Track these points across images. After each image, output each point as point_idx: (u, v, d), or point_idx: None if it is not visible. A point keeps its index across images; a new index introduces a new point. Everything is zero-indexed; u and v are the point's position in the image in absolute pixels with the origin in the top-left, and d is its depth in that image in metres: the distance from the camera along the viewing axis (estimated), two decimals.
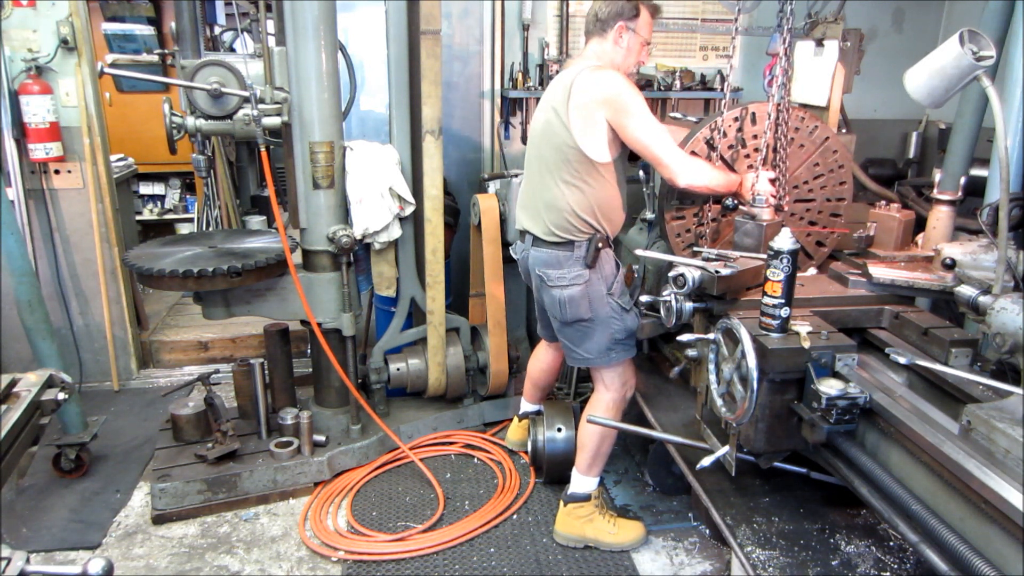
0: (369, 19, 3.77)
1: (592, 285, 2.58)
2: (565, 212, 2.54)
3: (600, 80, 2.43)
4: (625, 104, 2.40)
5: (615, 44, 2.54)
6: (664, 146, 2.42)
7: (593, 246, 2.54)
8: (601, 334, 2.62)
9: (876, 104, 4.41)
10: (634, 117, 2.41)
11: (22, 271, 3.03)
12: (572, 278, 2.57)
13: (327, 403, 3.37)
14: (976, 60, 1.81)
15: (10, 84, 3.52)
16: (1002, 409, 1.58)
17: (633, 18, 2.52)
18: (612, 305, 2.60)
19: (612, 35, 2.53)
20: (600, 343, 2.63)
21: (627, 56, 2.57)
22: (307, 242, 3.09)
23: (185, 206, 6.48)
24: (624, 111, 2.41)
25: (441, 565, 2.68)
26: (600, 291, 2.59)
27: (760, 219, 2.48)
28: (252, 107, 2.74)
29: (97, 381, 4.06)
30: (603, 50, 2.56)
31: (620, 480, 3.23)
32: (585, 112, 2.43)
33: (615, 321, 2.61)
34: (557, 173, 2.54)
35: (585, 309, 2.58)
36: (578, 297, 2.57)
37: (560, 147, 2.50)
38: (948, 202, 2.60)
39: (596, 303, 2.59)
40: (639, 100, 2.42)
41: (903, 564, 2.19)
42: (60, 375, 2.02)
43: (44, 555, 2.71)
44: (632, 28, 2.53)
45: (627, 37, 2.54)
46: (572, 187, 2.52)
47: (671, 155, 2.42)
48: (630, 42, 2.55)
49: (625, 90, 2.41)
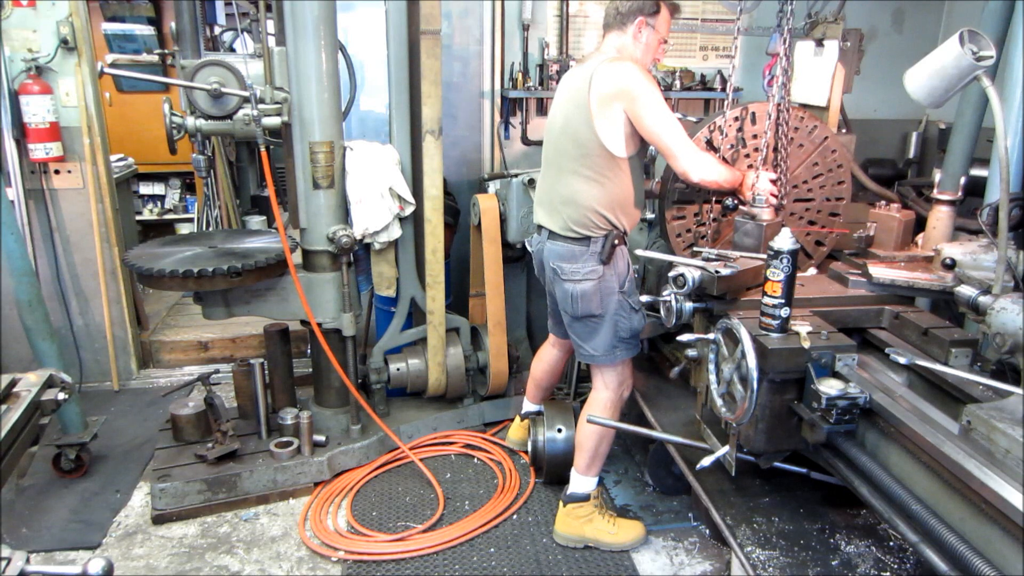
0: (369, 19, 3.76)
1: (605, 281, 2.58)
2: (584, 207, 2.54)
3: (617, 71, 2.43)
4: (641, 94, 2.40)
5: (634, 39, 2.54)
6: (678, 139, 2.42)
7: (610, 242, 2.54)
8: (608, 331, 2.62)
9: (876, 104, 4.40)
10: (649, 107, 2.40)
11: (22, 271, 3.02)
12: (586, 273, 2.57)
13: (327, 403, 3.37)
14: (976, 60, 1.81)
15: (10, 84, 3.52)
16: (1002, 409, 1.58)
17: (653, 14, 2.53)
18: (622, 303, 2.61)
19: (632, 29, 2.53)
20: (606, 340, 2.63)
21: (645, 52, 2.57)
22: (307, 242, 3.09)
23: (185, 206, 6.48)
24: (639, 101, 2.40)
25: (441, 565, 2.68)
26: (612, 288, 2.59)
27: (760, 219, 2.48)
28: (252, 107, 2.74)
29: (97, 381, 4.06)
30: (622, 44, 2.56)
31: (620, 480, 3.23)
32: (604, 104, 2.43)
33: (623, 320, 2.62)
34: (577, 168, 2.54)
35: (596, 305, 2.59)
36: (590, 292, 2.58)
37: (581, 141, 2.50)
38: (948, 202, 2.60)
39: (607, 300, 2.59)
40: (655, 91, 2.42)
41: (903, 564, 2.19)
42: (60, 375, 2.01)
43: (44, 555, 2.71)
44: (652, 24, 2.53)
45: (646, 33, 2.54)
46: (592, 182, 2.52)
47: (685, 149, 2.42)
48: (648, 38, 2.55)
49: (641, 81, 2.41)
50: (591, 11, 4.03)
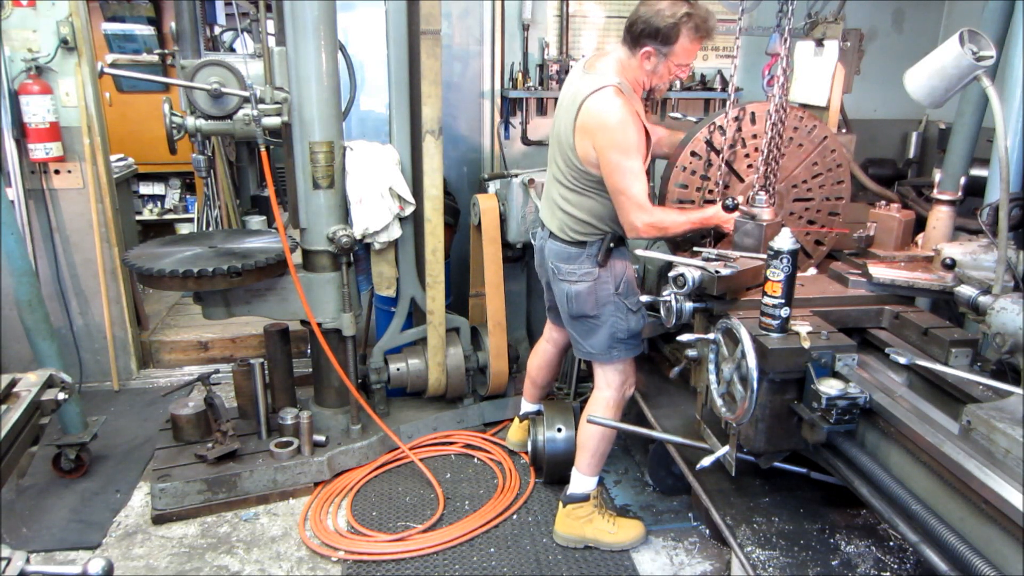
0: (369, 19, 3.76)
1: (600, 283, 2.59)
2: (575, 217, 2.57)
3: (597, 106, 2.35)
4: (608, 139, 2.34)
5: (640, 64, 2.40)
6: (629, 196, 2.37)
7: (605, 245, 2.56)
8: (604, 332, 2.63)
9: (876, 104, 4.40)
10: (611, 155, 2.35)
11: (22, 271, 3.02)
12: (582, 275, 2.59)
13: (327, 403, 3.37)
14: (976, 60, 1.81)
15: (10, 84, 3.52)
16: (1002, 409, 1.58)
17: (668, 44, 2.33)
18: (618, 304, 2.61)
19: (640, 55, 2.38)
20: (602, 340, 2.65)
21: (651, 77, 2.43)
22: (307, 242, 3.09)
23: (185, 206, 6.48)
24: (605, 145, 2.35)
25: (441, 565, 2.68)
26: (608, 290, 2.60)
27: (760, 219, 2.48)
28: (252, 107, 2.74)
29: (97, 381, 4.06)
30: (629, 64, 2.43)
31: (620, 480, 3.23)
32: (581, 134, 2.42)
33: (619, 321, 2.62)
34: (565, 179, 2.57)
35: (591, 306, 2.60)
36: (585, 293, 2.59)
37: (569, 159, 2.52)
38: (948, 202, 2.60)
39: (602, 301, 2.60)
40: (623, 143, 2.32)
41: (903, 564, 2.19)
42: (60, 375, 2.02)
43: (44, 555, 2.71)
44: (664, 54, 2.36)
45: (655, 62, 2.38)
46: (579, 194, 2.55)
47: (632, 213, 2.39)
48: (658, 67, 2.40)
49: (613, 131, 2.32)
50: (591, 11, 4.03)
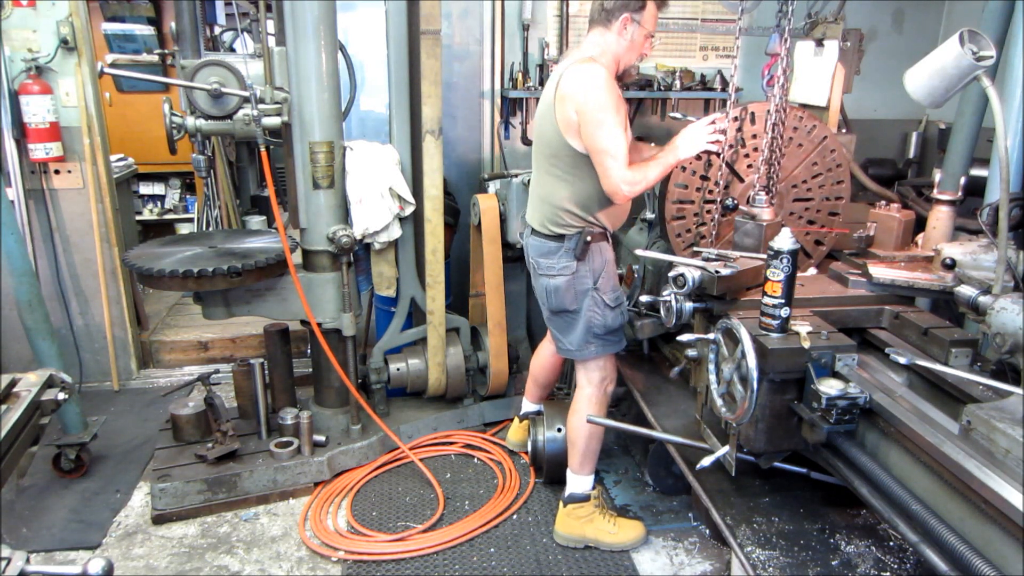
0: (369, 19, 3.76)
1: (578, 277, 2.59)
2: (556, 206, 2.56)
3: (579, 74, 2.41)
4: (590, 103, 2.37)
5: (619, 35, 2.51)
6: (611, 160, 2.38)
7: (583, 239, 2.55)
8: (581, 327, 2.63)
9: (876, 104, 4.40)
10: (593, 113, 2.37)
11: (22, 271, 3.02)
12: (560, 268, 2.60)
13: (327, 403, 3.36)
14: (976, 60, 1.81)
15: (10, 84, 3.52)
16: (1002, 409, 1.58)
17: (639, 10, 2.48)
18: (595, 299, 2.61)
19: (616, 26, 2.48)
20: (579, 336, 2.65)
21: (630, 48, 2.54)
22: (307, 242, 3.09)
23: (185, 206, 6.47)
24: (586, 103, 2.38)
25: (441, 565, 2.68)
26: (586, 284, 2.60)
27: (760, 219, 2.48)
28: (252, 107, 2.74)
29: (97, 381, 4.06)
30: (606, 41, 2.52)
31: (620, 480, 3.23)
32: (562, 102, 2.44)
33: (595, 316, 2.62)
34: (548, 167, 2.57)
35: (570, 300, 2.61)
36: (563, 288, 2.60)
37: (550, 140, 2.52)
38: (948, 202, 2.60)
39: (580, 296, 2.61)
40: (606, 102, 2.36)
41: (903, 564, 2.19)
42: (60, 375, 2.01)
43: (44, 555, 2.71)
44: (637, 20, 2.49)
45: (631, 29, 2.50)
46: (562, 180, 2.54)
47: (614, 171, 2.38)
48: (634, 34, 2.51)
49: (596, 89, 2.37)
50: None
